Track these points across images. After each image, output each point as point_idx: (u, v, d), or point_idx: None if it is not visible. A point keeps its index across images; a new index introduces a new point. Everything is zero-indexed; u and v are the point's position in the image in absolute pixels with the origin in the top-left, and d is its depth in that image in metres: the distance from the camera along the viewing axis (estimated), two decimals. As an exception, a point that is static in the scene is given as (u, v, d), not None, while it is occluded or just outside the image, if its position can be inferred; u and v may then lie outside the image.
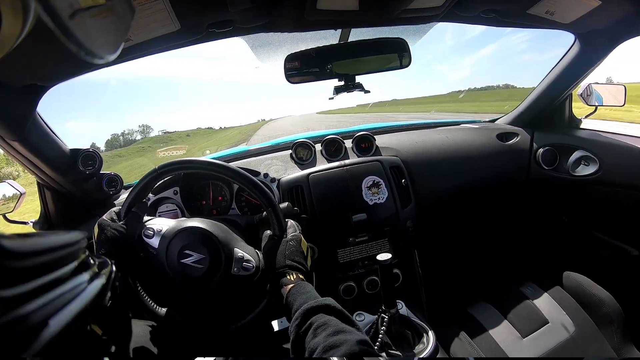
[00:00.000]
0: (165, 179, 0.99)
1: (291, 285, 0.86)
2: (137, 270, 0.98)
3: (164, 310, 0.99)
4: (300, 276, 0.90)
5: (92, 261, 0.46)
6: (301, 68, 1.22)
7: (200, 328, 0.99)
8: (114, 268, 0.55)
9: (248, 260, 0.93)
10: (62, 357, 0.33)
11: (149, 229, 0.95)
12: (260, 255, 0.98)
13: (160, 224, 0.96)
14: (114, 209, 1.00)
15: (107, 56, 0.35)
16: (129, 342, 0.67)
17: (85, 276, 0.42)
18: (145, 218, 1.00)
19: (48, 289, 0.33)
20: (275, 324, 1.00)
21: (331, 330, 0.65)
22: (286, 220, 1.03)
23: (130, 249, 0.95)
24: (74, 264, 0.40)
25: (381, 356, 0.99)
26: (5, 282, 0.28)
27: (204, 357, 0.85)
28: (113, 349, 0.48)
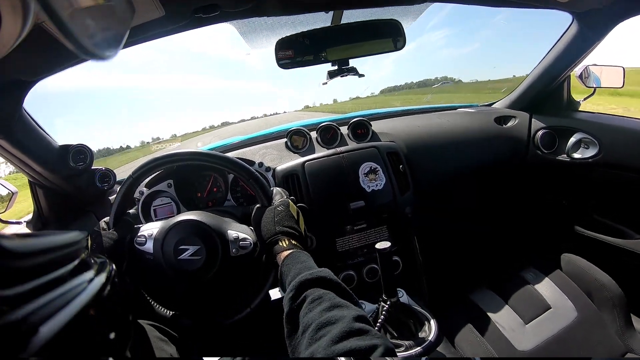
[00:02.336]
0: (156, 173, 0.98)
1: (285, 252, 0.83)
2: (137, 275, 0.97)
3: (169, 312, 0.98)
4: (293, 241, 0.87)
5: (92, 261, 0.47)
6: (293, 53, 1.19)
7: (209, 323, 0.98)
8: (114, 267, 0.54)
9: (243, 239, 0.93)
10: (61, 357, 0.32)
11: (140, 236, 0.94)
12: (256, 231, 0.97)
13: (150, 228, 0.96)
14: (105, 219, 1.00)
15: (108, 55, 0.35)
16: (129, 342, 0.65)
17: (85, 276, 0.41)
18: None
19: (48, 289, 0.32)
20: (272, 293, 0.99)
21: (326, 305, 0.62)
22: (272, 188, 1.02)
23: (126, 255, 0.94)
24: (74, 263, 0.40)
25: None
26: (5, 282, 0.28)
27: (210, 357, 0.84)
28: (113, 349, 0.46)
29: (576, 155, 1.52)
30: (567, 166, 1.55)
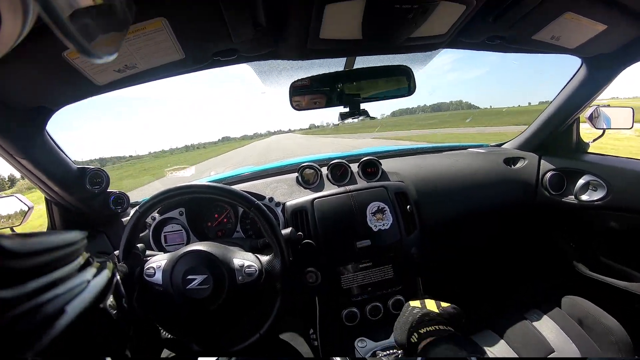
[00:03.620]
0: (166, 202, 1.02)
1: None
2: (147, 305, 0.99)
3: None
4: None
5: (93, 260, 0.48)
6: (306, 94, 1.23)
7: (219, 350, 1.00)
8: (117, 268, 0.55)
9: (249, 266, 0.96)
10: (62, 355, 0.33)
11: (149, 268, 0.97)
12: (261, 259, 1.01)
13: (158, 260, 0.99)
14: (115, 252, 1.02)
15: (106, 56, 0.36)
16: (128, 343, 0.67)
17: (88, 273, 0.43)
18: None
19: (48, 289, 0.33)
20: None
21: None
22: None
23: (136, 286, 0.97)
24: (77, 262, 0.41)
25: None
26: (6, 282, 0.28)
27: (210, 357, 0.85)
28: (114, 348, 0.48)
29: (584, 198, 1.52)
30: (575, 208, 1.54)
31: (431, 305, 0.90)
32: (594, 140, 1.63)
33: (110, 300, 0.49)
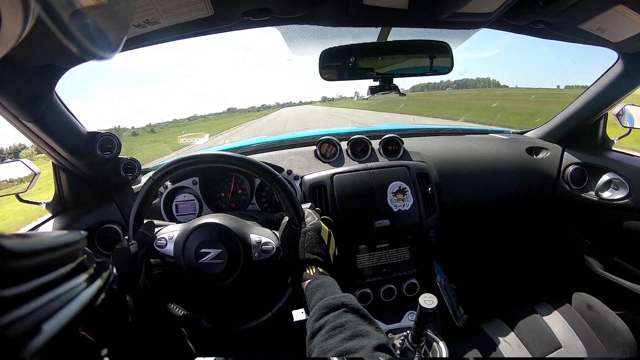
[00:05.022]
0: (181, 171, 0.96)
1: (309, 280, 0.83)
2: (155, 280, 0.96)
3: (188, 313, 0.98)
4: (320, 269, 0.87)
5: (90, 262, 0.47)
6: (337, 65, 1.17)
7: (228, 327, 0.98)
8: (114, 271, 0.54)
9: (266, 243, 0.92)
10: (60, 356, 0.33)
11: (160, 239, 0.94)
12: (279, 235, 0.96)
13: (170, 230, 0.95)
14: (125, 237, 0.98)
15: (108, 54, 0.34)
16: (124, 346, 0.66)
17: (82, 278, 0.42)
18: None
19: (46, 290, 0.33)
20: (295, 314, 0.98)
21: (348, 333, 0.62)
22: (304, 209, 0.99)
23: (143, 264, 0.94)
24: (71, 265, 0.41)
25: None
26: (5, 282, 0.28)
27: (205, 357, 0.84)
28: (105, 352, 0.47)
29: (605, 195, 1.49)
30: (594, 205, 1.52)
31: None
32: (620, 137, 1.60)
33: (103, 302, 0.48)
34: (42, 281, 0.33)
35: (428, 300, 0.80)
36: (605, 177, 1.51)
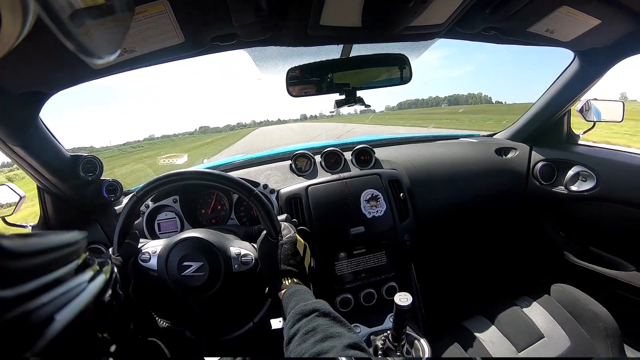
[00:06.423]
0: (163, 188, 1.00)
1: (284, 290, 0.87)
2: (143, 292, 0.98)
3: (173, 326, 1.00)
4: (295, 279, 0.91)
5: (92, 261, 0.47)
6: (303, 81, 1.23)
7: (212, 338, 1.00)
8: (115, 269, 0.56)
9: (245, 255, 0.95)
10: (63, 357, 0.33)
11: (144, 253, 0.96)
12: (257, 248, 0.99)
13: (154, 245, 0.98)
14: (110, 250, 1.01)
15: (106, 56, 0.36)
16: (129, 343, 0.67)
17: (86, 275, 0.42)
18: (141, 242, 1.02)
19: (48, 289, 0.32)
20: (273, 323, 1.01)
21: (319, 336, 0.65)
22: (280, 222, 1.03)
23: (131, 277, 0.96)
24: (76, 263, 0.41)
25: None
26: (5, 283, 0.28)
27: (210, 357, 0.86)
28: (113, 348, 0.47)
29: (574, 188, 1.55)
30: (565, 198, 1.58)
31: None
32: (585, 132, 1.66)
33: (108, 299, 0.49)
34: (43, 281, 0.32)
35: (403, 298, 0.88)
36: (572, 171, 1.57)
